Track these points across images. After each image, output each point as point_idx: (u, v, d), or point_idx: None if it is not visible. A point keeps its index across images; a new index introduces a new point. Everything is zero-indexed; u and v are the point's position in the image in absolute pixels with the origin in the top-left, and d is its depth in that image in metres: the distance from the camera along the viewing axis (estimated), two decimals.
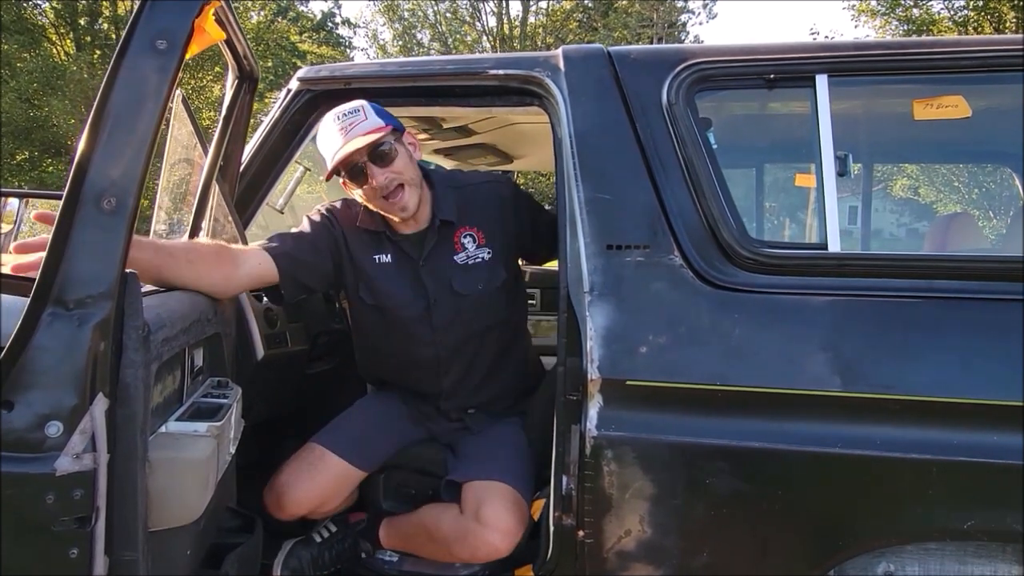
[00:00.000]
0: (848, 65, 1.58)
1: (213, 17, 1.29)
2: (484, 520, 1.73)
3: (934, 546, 1.43)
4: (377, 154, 1.76)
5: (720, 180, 1.54)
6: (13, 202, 2.37)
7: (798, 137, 1.87)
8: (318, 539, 1.97)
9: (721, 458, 1.43)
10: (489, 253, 1.92)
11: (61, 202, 1.13)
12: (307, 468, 1.90)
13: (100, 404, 1.13)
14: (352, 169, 1.78)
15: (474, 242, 1.91)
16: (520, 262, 2.10)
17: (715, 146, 1.58)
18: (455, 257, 1.90)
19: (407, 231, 1.90)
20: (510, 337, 2.01)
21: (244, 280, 1.75)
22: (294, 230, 1.91)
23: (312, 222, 1.91)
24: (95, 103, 1.16)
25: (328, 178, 1.83)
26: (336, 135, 1.76)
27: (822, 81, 1.55)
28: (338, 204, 1.96)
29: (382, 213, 1.86)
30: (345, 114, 1.77)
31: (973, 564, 1.43)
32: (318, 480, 1.89)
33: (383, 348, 1.99)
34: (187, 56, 1.22)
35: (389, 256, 1.90)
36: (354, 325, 2.05)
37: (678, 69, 1.59)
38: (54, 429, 1.11)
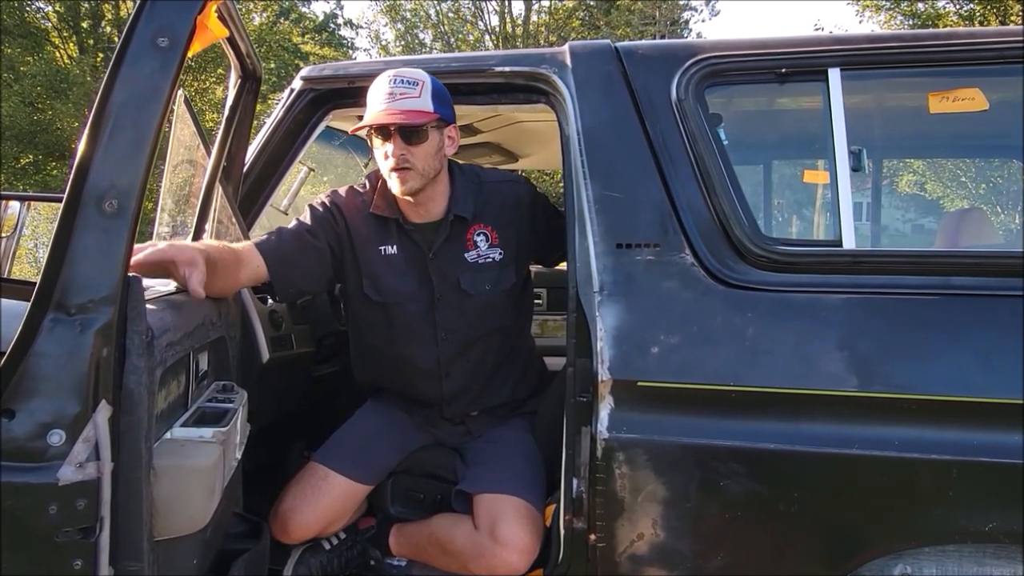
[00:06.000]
0: (861, 58, 1.55)
1: (216, 14, 1.27)
2: (500, 539, 1.71)
3: (952, 548, 1.41)
4: (408, 130, 1.72)
5: (731, 176, 1.52)
6: (14, 205, 2.36)
7: (811, 132, 1.84)
8: (327, 546, 1.94)
9: (735, 460, 1.41)
10: (501, 254, 1.88)
11: (62, 205, 1.11)
12: (311, 491, 1.86)
13: (103, 411, 1.11)
14: (380, 128, 1.73)
15: (487, 241, 1.87)
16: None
17: (726, 142, 1.56)
18: (466, 255, 1.87)
19: (418, 220, 1.86)
20: (514, 342, 1.98)
21: (244, 284, 1.76)
22: (293, 224, 1.85)
23: (314, 215, 1.86)
24: (95, 103, 1.14)
25: (354, 131, 1.80)
26: (384, 96, 1.71)
27: (834, 75, 1.52)
28: (342, 192, 1.91)
29: (388, 184, 1.82)
30: (403, 81, 1.72)
31: (992, 565, 1.41)
32: (323, 502, 1.85)
33: (383, 349, 1.94)
34: (189, 54, 1.20)
35: (395, 247, 1.86)
36: (353, 325, 2.01)
37: (687, 64, 1.57)
38: (56, 438, 1.10)
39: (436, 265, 1.86)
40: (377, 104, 1.72)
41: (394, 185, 1.78)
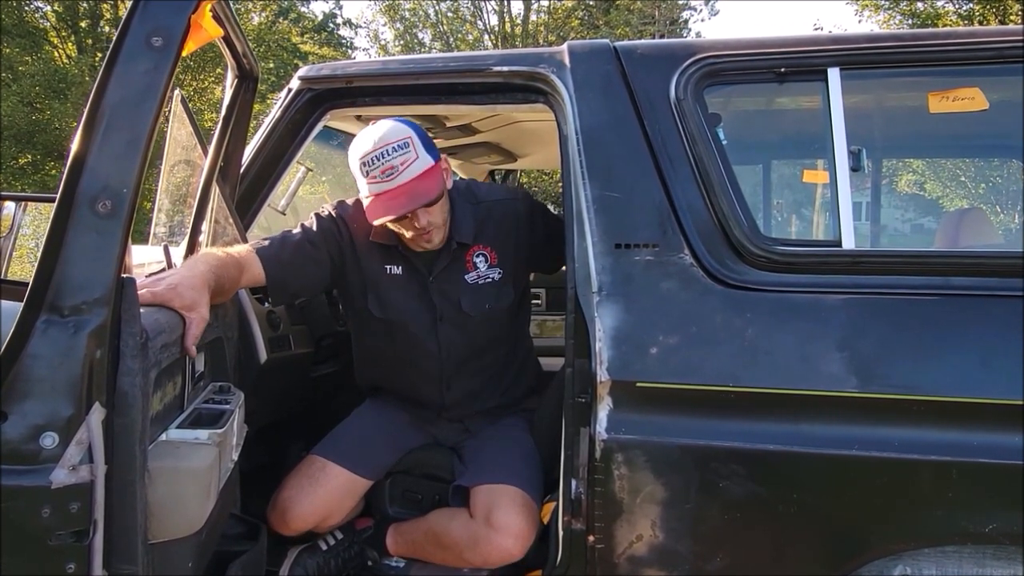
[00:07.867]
0: (860, 58, 1.54)
1: (210, 13, 1.26)
2: (496, 524, 1.71)
3: (952, 548, 1.40)
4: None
5: (730, 176, 1.52)
6: (10, 205, 2.35)
7: (810, 132, 1.84)
8: (324, 547, 1.93)
9: (734, 461, 1.40)
10: (500, 273, 1.90)
11: (55, 205, 1.10)
12: (309, 482, 1.86)
13: (97, 414, 1.10)
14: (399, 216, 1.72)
15: (486, 262, 1.89)
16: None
17: (725, 142, 1.55)
18: (466, 276, 1.88)
19: (420, 250, 1.87)
20: (512, 348, 2.00)
21: (243, 287, 1.76)
22: (297, 231, 1.86)
23: (319, 226, 1.86)
24: (89, 102, 1.13)
25: (376, 226, 1.79)
26: (384, 171, 1.68)
27: (834, 75, 1.51)
28: (350, 203, 1.91)
29: (411, 245, 1.84)
30: (394, 148, 1.68)
31: (992, 566, 1.40)
32: (321, 493, 1.85)
33: (386, 358, 1.96)
34: (184, 53, 1.20)
35: (400, 268, 1.88)
36: (356, 333, 2.02)
37: (686, 64, 1.56)
38: (49, 440, 1.09)
39: (437, 287, 1.88)
40: (381, 184, 1.69)
41: (419, 244, 1.80)
